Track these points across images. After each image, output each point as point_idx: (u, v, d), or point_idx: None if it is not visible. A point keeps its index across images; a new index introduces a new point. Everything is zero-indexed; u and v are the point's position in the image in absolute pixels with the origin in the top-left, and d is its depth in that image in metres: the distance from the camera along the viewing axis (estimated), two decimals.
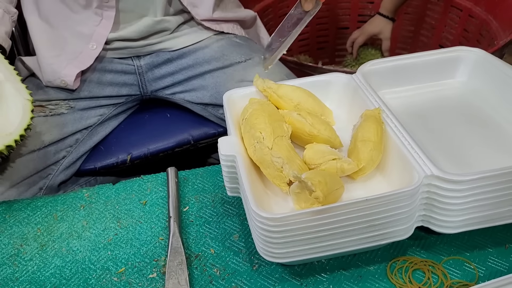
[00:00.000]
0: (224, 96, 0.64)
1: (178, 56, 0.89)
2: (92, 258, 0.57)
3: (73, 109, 0.84)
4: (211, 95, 0.88)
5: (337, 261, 0.55)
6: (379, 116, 0.57)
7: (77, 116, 0.84)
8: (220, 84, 0.86)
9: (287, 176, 0.52)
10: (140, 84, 0.91)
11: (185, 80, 0.89)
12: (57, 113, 0.82)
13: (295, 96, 0.63)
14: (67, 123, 0.82)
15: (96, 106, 0.86)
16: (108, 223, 0.62)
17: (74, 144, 0.83)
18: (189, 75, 0.89)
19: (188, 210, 0.63)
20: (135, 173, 0.95)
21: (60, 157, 0.81)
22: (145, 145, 0.87)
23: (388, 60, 0.68)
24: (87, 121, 0.85)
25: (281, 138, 0.55)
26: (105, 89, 0.87)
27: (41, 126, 0.79)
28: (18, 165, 0.76)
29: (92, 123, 0.85)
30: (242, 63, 0.87)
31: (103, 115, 0.87)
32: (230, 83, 0.85)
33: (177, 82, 0.90)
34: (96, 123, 0.86)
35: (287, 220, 0.47)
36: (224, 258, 0.56)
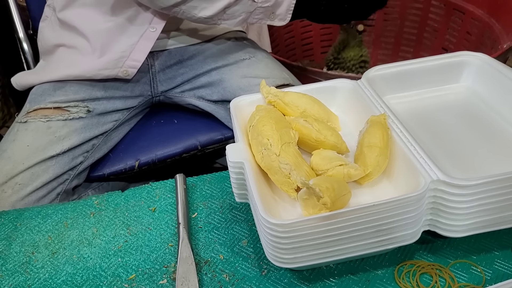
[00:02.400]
0: (231, 103, 0.65)
1: (188, 57, 0.93)
2: (103, 265, 0.58)
3: (91, 114, 0.85)
4: (218, 91, 0.91)
5: (345, 265, 0.56)
6: (384, 122, 0.57)
7: (95, 121, 0.85)
8: (226, 80, 0.90)
9: (295, 182, 0.53)
10: (152, 83, 0.93)
11: (193, 78, 0.93)
12: (76, 117, 0.83)
13: (301, 103, 0.63)
14: (85, 128, 0.84)
15: (112, 111, 0.88)
16: (118, 230, 0.63)
17: (90, 150, 0.84)
18: (197, 73, 0.93)
19: (196, 216, 0.64)
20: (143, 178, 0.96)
21: (77, 162, 0.83)
22: (153, 151, 0.89)
23: (393, 66, 0.68)
24: (104, 127, 0.86)
25: (288, 144, 0.56)
26: (120, 87, 0.88)
27: (61, 131, 0.81)
28: (38, 171, 0.78)
29: (108, 128, 0.87)
30: (246, 60, 0.91)
31: (117, 121, 0.89)
32: (234, 78, 0.89)
33: (186, 80, 0.94)
34: (111, 129, 0.88)
35: (296, 226, 0.47)
36: (233, 263, 0.57)
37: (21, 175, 0.78)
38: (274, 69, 0.90)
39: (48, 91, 0.86)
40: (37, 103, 0.85)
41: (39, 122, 0.83)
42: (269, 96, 0.65)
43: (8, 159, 0.79)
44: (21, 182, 0.77)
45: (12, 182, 0.77)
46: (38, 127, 0.82)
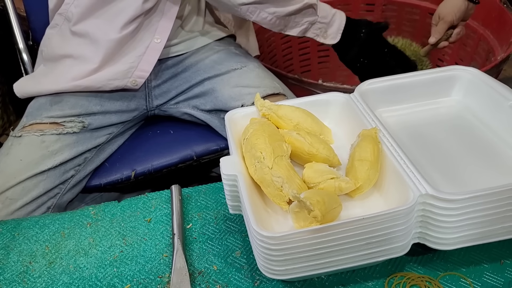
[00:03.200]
0: (226, 116, 0.66)
1: (182, 70, 0.95)
2: (99, 275, 0.59)
3: (85, 129, 0.86)
4: (211, 101, 0.93)
5: (337, 277, 0.57)
6: (375, 136, 0.58)
7: (88, 135, 0.86)
8: (217, 89, 0.92)
9: (287, 195, 0.54)
10: (147, 98, 0.94)
11: (187, 89, 0.95)
12: (70, 132, 0.84)
13: (294, 116, 0.65)
14: (78, 143, 0.84)
15: (107, 125, 0.89)
16: (113, 240, 0.64)
17: (83, 163, 0.85)
18: (190, 84, 0.95)
19: (191, 227, 0.65)
20: (139, 188, 0.97)
21: (68, 176, 0.83)
22: (149, 162, 0.90)
23: (385, 80, 0.70)
24: (96, 140, 0.87)
25: (281, 157, 0.57)
26: (116, 102, 0.89)
27: (54, 145, 0.82)
28: (29, 185, 0.78)
29: (101, 142, 0.88)
30: (237, 70, 0.93)
31: (111, 134, 0.90)
32: (226, 88, 0.91)
33: (180, 92, 0.95)
34: (104, 142, 0.89)
35: (287, 238, 0.48)
36: (227, 274, 0.58)
37: (11, 189, 0.79)
38: (265, 79, 0.92)
39: (45, 106, 0.87)
40: (33, 117, 0.86)
41: (33, 136, 0.84)
42: (263, 109, 0.66)
43: (0, 173, 0.80)
44: (11, 196, 0.78)
45: (2, 197, 0.78)
46: (32, 141, 0.83)
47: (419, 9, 1.46)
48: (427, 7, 1.44)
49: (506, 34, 1.22)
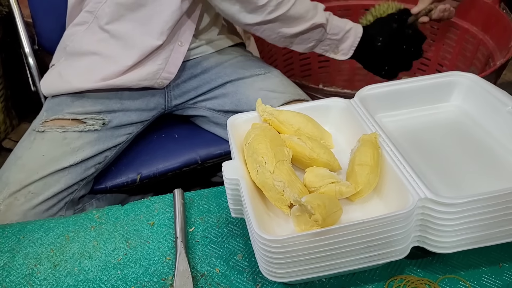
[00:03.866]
0: (228, 121, 0.67)
1: (202, 71, 0.96)
2: (103, 277, 0.60)
3: (105, 127, 0.87)
4: (232, 102, 0.94)
5: (337, 280, 0.58)
6: (375, 141, 0.59)
7: (109, 133, 0.88)
8: (241, 91, 0.93)
9: (288, 199, 0.55)
10: (166, 97, 0.96)
11: (208, 91, 0.96)
12: (91, 129, 0.86)
13: (295, 121, 0.66)
14: (99, 140, 0.86)
15: (127, 124, 0.90)
16: (117, 243, 0.65)
17: (103, 161, 0.87)
18: (211, 86, 0.95)
19: (194, 230, 0.66)
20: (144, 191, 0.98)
21: (89, 173, 0.85)
22: (154, 165, 0.91)
23: (385, 85, 0.71)
24: (117, 139, 0.89)
25: (282, 162, 0.58)
26: (135, 100, 0.90)
27: (76, 142, 0.83)
28: (51, 181, 0.80)
29: (121, 141, 0.90)
30: (261, 75, 0.95)
31: (131, 134, 0.91)
32: (250, 90, 0.92)
33: (200, 93, 0.96)
34: (125, 141, 0.90)
35: (288, 242, 0.49)
36: (229, 277, 0.59)
37: (34, 184, 0.80)
38: (288, 86, 0.94)
39: (66, 101, 0.88)
40: (54, 113, 0.87)
41: (56, 132, 0.85)
42: (265, 114, 0.67)
43: (23, 166, 0.81)
44: (34, 191, 0.80)
45: (25, 191, 0.80)
46: (55, 137, 0.84)
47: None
48: None
49: (506, 40, 1.23)
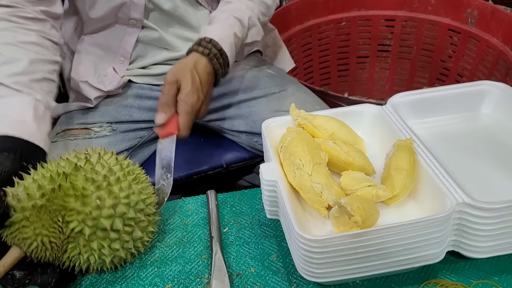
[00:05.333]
0: (263, 124, 0.69)
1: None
2: (141, 274, 0.61)
3: (115, 132, 0.90)
4: (246, 123, 0.92)
5: (371, 282, 0.58)
6: (411, 146, 0.61)
7: (119, 138, 0.90)
8: (256, 113, 0.91)
9: (326, 201, 0.56)
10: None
11: (221, 108, 0.95)
12: (100, 135, 0.88)
13: (329, 126, 0.67)
14: (110, 145, 0.88)
15: (136, 129, 0.92)
16: (153, 241, 0.66)
17: None
18: (224, 103, 0.94)
19: (227, 231, 0.67)
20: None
21: None
22: (180, 168, 0.92)
23: (417, 93, 0.72)
24: (128, 143, 0.90)
25: (319, 165, 0.59)
26: (144, 114, 0.92)
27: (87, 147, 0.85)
28: None
29: (133, 144, 0.91)
30: (276, 94, 0.93)
31: (142, 137, 0.93)
32: (265, 112, 0.90)
33: (213, 109, 0.95)
34: (136, 145, 0.92)
35: (328, 242, 0.50)
36: (264, 277, 0.60)
37: None
38: (305, 103, 0.91)
39: (77, 115, 0.92)
40: (66, 125, 0.91)
41: (67, 140, 0.87)
42: (299, 119, 0.69)
43: None
44: None
45: None
46: (66, 144, 0.87)
47: (439, 25, 1.49)
48: (447, 23, 1.47)
49: None
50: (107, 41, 0.91)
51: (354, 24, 1.58)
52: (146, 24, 0.89)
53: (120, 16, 0.87)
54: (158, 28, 0.89)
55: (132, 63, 0.93)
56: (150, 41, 0.91)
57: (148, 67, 0.94)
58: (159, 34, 0.90)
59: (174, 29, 0.91)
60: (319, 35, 1.56)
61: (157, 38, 0.90)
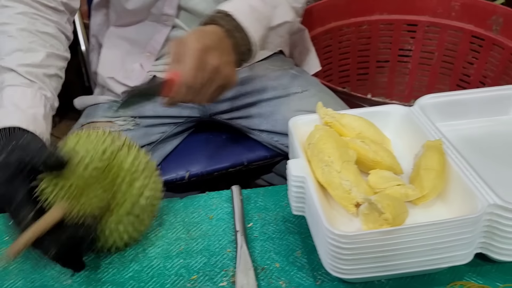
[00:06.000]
0: (290, 121, 0.69)
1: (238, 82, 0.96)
2: (167, 264, 0.62)
3: (138, 126, 0.91)
4: (268, 122, 0.93)
5: (396, 281, 0.58)
6: (440, 147, 0.61)
7: (142, 132, 0.91)
8: (277, 112, 0.92)
9: (355, 198, 0.57)
10: (200, 107, 0.97)
11: (243, 106, 0.95)
12: (124, 129, 0.89)
13: (357, 125, 0.67)
14: (133, 138, 0.88)
15: (159, 124, 0.93)
16: (178, 233, 0.67)
17: None
18: (247, 102, 0.95)
19: (252, 226, 0.68)
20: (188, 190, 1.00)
21: None
22: (202, 164, 0.93)
23: (446, 95, 0.72)
24: (151, 137, 0.91)
25: (348, 162, 0.60)
26: (168, 109, 0.93)
27: None
28: None
29: (154, 139, 0.92)
30: (298, 94, 0.93)
31: (164, 133, 0.94)
32: (287, 112, 0.90)
33: (235, 107, 0.96)
34: (158, 140, 0.93)
35: (358, 238, 0.50)
36: (289, 272, 0.60)
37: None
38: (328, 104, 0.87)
39: (102, 108, 0.94)
40: (91, 117, 0.92)
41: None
42: (326, 117, 0.69)
43: None
44: None
45: None
46: None
47: (463, 32, 1.48)
48: (470, 30, 1.46)
49: None
50: (135, 36, 0.92)
51: (375, 28, 1.58)
52: (176, 24, 0.90)
53: (153, 12, 0.88)
54: (188, 29, 0.90)
55: (158, 59, 0.94)
56: None
57: None
58: None
59: None
60: (340, 37, 1.56)
61: None
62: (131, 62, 0.93)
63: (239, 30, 0.73)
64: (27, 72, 0.67)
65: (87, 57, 1.08)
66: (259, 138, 0.95)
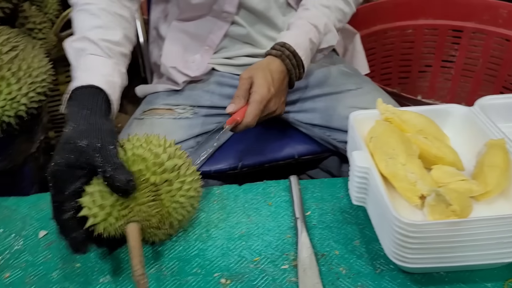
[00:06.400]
0: (351, 115, 0.71)
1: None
2: (230, 245, 0.65)
3: (196, 115, 0.94)
4: (321, 117, 0.95)
5: (455, 274, 0.60)
6: (504, 146, 0.62)
7: (200, 121, 0.94)
8: (331, 108, 0.94)
9: (420, 190, 0.58)
10: None
11: (297, 100, 0.98)
12: (183, 117, 0.93)
13: (418, 122, 0.69)
14: (191, 126, 0.92)
15: (216, 114, 0.96)
16: (239, 217, 0.70)
17: (195, 146, 0.93)
18: (300, 97, 0.97)
19: (310, 214, 0.70)
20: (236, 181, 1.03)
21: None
22: (254, 155, 0.96)
23: (506, 97, 0.73)
24: (207, 127, 0.95)
25: (412, 156, 0.61)
26: (224, 101, 0.96)
27: (171, 127, 0.90)
28: None
29: (211, 128, 0.95)
30: (353, 91, 0.95)
31: (220, 123, 0.97)
32: (341, 108, 0.92)
33: (289, 101, 0.98)
34: (214, 129, 0.96)
35: (426, 227, 0.52)
36: (348, 260, 0.62)
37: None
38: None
39: (162, 96, 0.98)
40: (152, 104, 0.96)
41: (154, 119, 0.92)
42: (387, 113, 0.71)
43: None
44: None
45: None
46: (153, 122, 0.92)
47: (510, 39, 1.47)
48: None
49: None
50: (196, 30, 0.96)
51: (420, 33, 1.58)
52: (235, 20, 0.93)
53: (214, 8, 0.91)
54: (246, 26, 0.94)
55: (216, 53, 0.98)
56: (237, 36, 0.95)
57: (231, 57, 0.98)
58: (247, 31, 0.94)
59: (261, 28, 0.95)
60: (383, 40, 1.57)
61: (245, 35, 0.95)
62: (191, 54, 0.96)
63: (298, 67, 0.84)
64: (106, 47, 0.73)
65: (146, 48, 1.12)
66: (311, 133, 0.98)
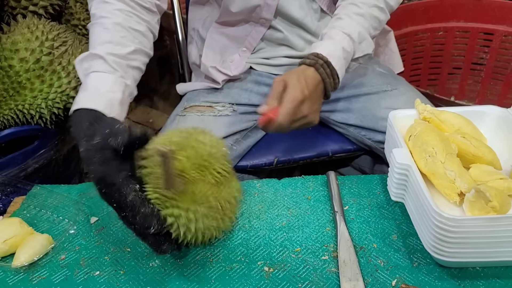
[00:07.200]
0: (390, 114, 0.73)
1: None
2: (271, 236, 0.68)
3: (235, 112, 0.98)
4: (356, 117, 0.97)
5: (491, 270, 0.61)
6: None
7: (238, 118, 0.97)
8: (367, 108, 0.96)
9: (459, 188, 0.60)
10: None
11: (332, 101, 1.00)
12: (223, 114, 0.96)
13: (456, 122, 0.71)
14: (230, 124, 0.96)
15: (253, 112, 0.99)
16: (280, 210, 0.73)
17: (234, 143, 0.96)
18: (336, 96, 1.00)
19: (348, 209, 0.72)
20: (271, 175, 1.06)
21: None
22: (289, 152, 0.99)
23: None
24: (245, 124, 0.98)
25: (451, 154, 0.63)
26: (262, 99, 1.00)
27: (212, 124, 0.94)
28: None
29: (248, 126, 0.99)
30: (388, 92, 0.96)
31: (256, 120, 1.00)
32: (377, 109, 0.94)
33: (324, 101, 1.00)
34: (251, 127, 0.99)
35: (466, 222, 0.54)
36: (386, 253, 0.65)
37: None
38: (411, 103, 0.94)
39: (202, 93, 1.01)
40: (193, 101, 1.00)
41: (195, 115, 0.96)
42: (425, 113, 0.73)
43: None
44: None
45: None
46: (194, 119, 0.96)
47: None
48: None
49: None
50: (235, 33, 0.99)
51: (451, 35, 1.58)
52: (273, 25, 0.97)
53: (253, 16, 0.95)
54: (283, 30, 0.97)
55: (254, 53, 1.01)
56: (274, 39, 0.99)
57: (268, 58, 1.01)
58: (284, 35, 0.97)
59: (298, 31, 0.98)
60: (414, 42, 1.58)
61: (281, 38, 0.98)
62: (230, 55, 1.00)
63: (333, 77, 0.83)
64: (113, 61, 0.73)
65: (185, 48, 1.16)
66: (345, 132, 1.00)
